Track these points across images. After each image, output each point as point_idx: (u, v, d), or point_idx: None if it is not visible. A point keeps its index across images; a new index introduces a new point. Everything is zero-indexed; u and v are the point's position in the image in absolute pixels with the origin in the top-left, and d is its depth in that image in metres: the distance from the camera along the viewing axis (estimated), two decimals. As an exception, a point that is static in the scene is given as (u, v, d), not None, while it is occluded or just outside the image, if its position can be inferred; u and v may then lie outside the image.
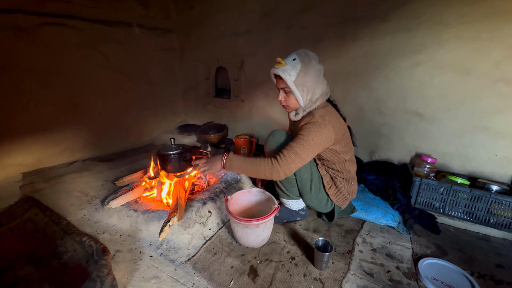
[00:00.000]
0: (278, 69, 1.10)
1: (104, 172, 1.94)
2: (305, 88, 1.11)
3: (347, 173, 1.29)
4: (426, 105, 1.71)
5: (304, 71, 1.08)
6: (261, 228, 1.11)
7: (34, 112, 1.87)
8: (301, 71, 1.08)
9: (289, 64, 1.09)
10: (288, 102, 1.18)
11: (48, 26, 1.83)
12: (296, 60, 1.09)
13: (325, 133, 1.10)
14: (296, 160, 1.09)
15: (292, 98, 1.15)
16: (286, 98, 1.17)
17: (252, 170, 1.13)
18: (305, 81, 1.09)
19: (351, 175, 1.31)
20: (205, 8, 2.53)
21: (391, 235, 1.33)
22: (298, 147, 1.08)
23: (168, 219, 1.05)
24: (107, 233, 1.28)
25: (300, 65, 1.08)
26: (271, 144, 1.24)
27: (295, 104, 1.17)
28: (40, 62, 1.85)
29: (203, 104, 2.95)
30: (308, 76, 1.09)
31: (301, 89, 1.10)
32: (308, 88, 1.11)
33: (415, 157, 1.82)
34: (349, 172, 1.30)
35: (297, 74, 1.07)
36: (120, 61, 2.35)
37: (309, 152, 1.09)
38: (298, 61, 1.08)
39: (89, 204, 1.52)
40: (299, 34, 2.07)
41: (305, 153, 1.09)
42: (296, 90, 1.10)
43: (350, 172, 1.30)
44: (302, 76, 1.08)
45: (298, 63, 1.08)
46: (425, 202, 1.52)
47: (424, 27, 1.60)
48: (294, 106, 1.19)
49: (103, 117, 2.31)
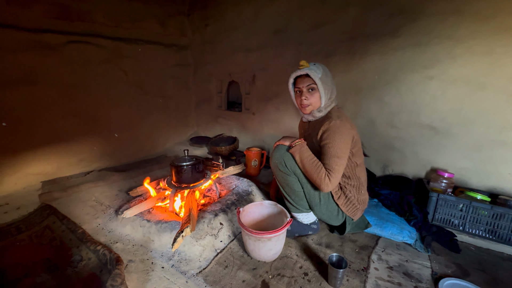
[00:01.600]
0: (305, 68, 1.20)
1: (118, 182, 1.99)
2: (327, 87, 1.21)
3: (357, 180, 1.28)
4: (440, 119, 1.69)
5: (325, 72, 1.21)
6: (273, 241, 1.10)
7: (57, 124, 1.98)
8: (324, 72, 1.21)
9: (313, 66, 1.21)
10: (311, 100, 1.24)
11: (74, 44, 1.97)
12: (317, 64, 1.22)
13: (347, 131, 1.16)
14: (340, 169, 1.13)
15: (316, 96, 1.23)
16: (309, 96, 1.24)
17: (309, 168, 1.16)
18: (327, 80, 1.21)
19: (361, 182, 1.29)
20: (219, 26, 2.65)
21: (408, 253, 1.28)
22: (333, 158, 1.13)
23: (181, 230, 1.05)
24: (120, 243, 1.29)
25: (321, 67, 1.22)
26: (276, 158, 1.25)
27: (317, 102, 1.24)
28: (65, 77, 1.97)
29: (215, 117, 3.01)
30: (328, 77, 1.22)
31: (325, 86, 1.20)
32: (329, 87, 1.22)
33: (430, 171, 1.78)
34: (359, 179, 1.28)
35: (322, 73, 1.20)
36: (138, 76, 2.46)
37: (345, 153, 1.15)
38: (318, 65, 1.22)
39: (104, 213, 1.56)
40: (310, 49, 2.13)
41: (342, 158, 1.14)
42: (322, 86, 1.19)
43: (360, 179, 1.29)
44: (324, 76, 1.20)
45: (319, 66, 1.22)
46: (443, 219, 1.46)
47: (435, 42, 1.61)
48: (316, 104, 1.25)
49: (120, 129, 2.40)
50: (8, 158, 1.77)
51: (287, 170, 1.23)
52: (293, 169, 1.22)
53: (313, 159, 1.17)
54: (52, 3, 1.83)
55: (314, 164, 1.16)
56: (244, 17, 2.46)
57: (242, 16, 2.47)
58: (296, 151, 1.20)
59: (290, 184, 1.25)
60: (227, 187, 1.72)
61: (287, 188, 1.28)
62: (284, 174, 1.25)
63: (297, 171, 1.22)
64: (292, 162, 1.21)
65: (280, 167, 1.24)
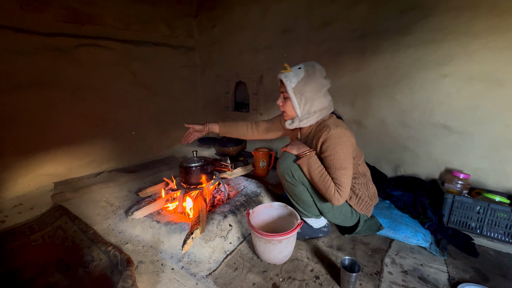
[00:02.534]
0: (282, 74, 1.13)
1: (128, 183, 2.00)
2: (303, 98, 1.12)
3: (363, 177, 1.25)
4: (454, 117, 1.63)
5: (305, 81, 1.10)
6: (284, 243, 1.08)
7: (68, 126, 2.01)
8: (302, 80, 1.10)
9: (294, 71, 1.12)
10: (285, 108, 1.19)
11: (84, 47, 2.00)
12: (301, 69, 1.12)
13: (348, 140, 1.09)
14: (348, 181, 1.07)
15: (289, 104, 1.16)
16: (283, 103, 1.19)
17: (318, 182, 1.10)
18: (305, 90, 1.10)
19: (367, 177, 1.27)
20: (227, 27, 2.65)
21: (423, 256, 1.24)
22: (340, 171, 1.06)
23: (191, 231, 1.05)
24: (130, 244, 1.30)
25: (303, 74, 1.10)
26: (282, 168, 1.19)
27: (292, 111, 1.18)
28: (76, 79, 2.00)
29: (222, 118, 3.01)
30: (308, 86, 1.10)
31: (299, 97, 1.12)
32: (307, 99, 1.12)
33: (444, 172, 1.72)
34: (364, 176, 1.26)
35: (298, 82, 1.10)
36: (146, 77, 2.49)
37: (349, 163, 1.09)
38: (302, 70, 1.11)
39: (114, 214, 1.57)
40: (318, 48, 2.10)
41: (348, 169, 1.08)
42: (294, 97, 1.12)
43: (365, 175, 1.27)
44: (302, 84, 1.10)
45: (301, 72, 1.11)
46: (459, 221, 1.41)
47: (449, 38, 1.56)
48: (290, 113, 1.20)
49: (129, 130, 2.43)
50: (21, 159, 1.81)
51: (294, 181, 1.19)
52: (301, 179, 1.18)
53: (321, 172, 1.09)
54: (63, 7, 1.86)
55: (323, 179, 1.08)
56: (252, 17, 2.45)
57: (250, 16, 2.46)
58: (303, 163, 1.13)
59: (298, 194, 1.22)
60: (235, 188, 1.71)
61: (295, 197, 1.26)
62: (291, 185, 1.21)
63: (306, 181, 1.18)
64: (300, 173, 1.16)
65: (287, 178, 1.20)
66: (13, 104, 1.73)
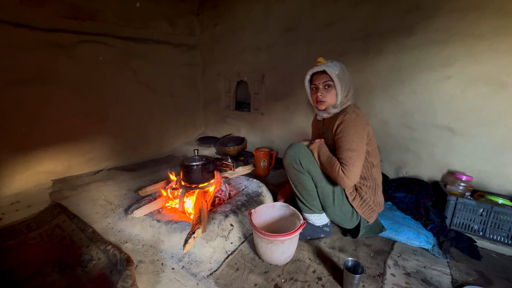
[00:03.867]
0: (322, 65, 1.19)
1: (127, 182, 1.98)
2: (344, 84, 1.20)
3: (373, 181, 1.24)
4: (458, 119, 1.62)
5: (343, 70, 1.21)
6: (286, 244, 1.06)
7: (67, 123, 1.99)
8: (341, 69, 1.20)
9: (330, 63, 1.20)
10: (327, 96, 1.23)
11: (85, 43, 1.98)
12: (334, 62, 1.22)
13: (361, 125, 1.14)
14: (356, 162, 1.09)
15: (332, 92, 1.21)
16: (325, 93, 1.23)
17: (324, 163, 1.17)
18: (344, 78, 1.20)
19: (377, 183, 1.25)
20: (229, 25, 2.63)
21: (425, 259, 1.23)
22: (347, 152, 1.10)
23: (192, 231, 1.03)
24: (130, 243, 1.28)
25: (339, 64, 1.21)
26: (290, 156, 1.22)
27: (333, 99, 1.23)
28: (76, 76, 1.98)
29: (223, 117, 2.99)
30: (345, 75, 1.21)
31: (341, 83, 1.19)
32: (346, 85, 1.21)
33: (447, 174, 1.72)
34: (375, 180, 1.25)
35: (339, 70, 1.19)
36: (147, 75, 2.46)
37: (359, 147, 1.11)
38: (336, 62, 1.21)
39: (113, 212, 1.55)
40: (321, 48, 2.08)
41: (357, 151, 1.10)
42: (339, 83, 1.18)
43: (376, 180, 1.25)
44: (342, 73, 1.19)
45: (337, 63, 1.21)
46: (461, 224, 1.40)
47: (454, 39, 1.55)
48: (331, 101, 1.23)
49: (129, 128, 2.40)
50: (20, 156, 1.78)
51: (301, 168, 1.20)
52: (308, 167, 1.20)
53: (329, 154, 1.17)
54: (63, 3, 1.84)
55: (329, 159, 1.15)
56: (254, 16, 2.43)
57: (252, 15, 2.44)
58: (315, 147, 1.21)
59: (303, 182, 1.22)
60: (236, 187, 1.69)
61: (299, 187, 1.25)
62: (297, 172, 1.22)
63: (312, 169, 1.20)
64: (307, 160, 1.19)
65: (294, 165, 1.21)
66: (11, 100, 1.70)
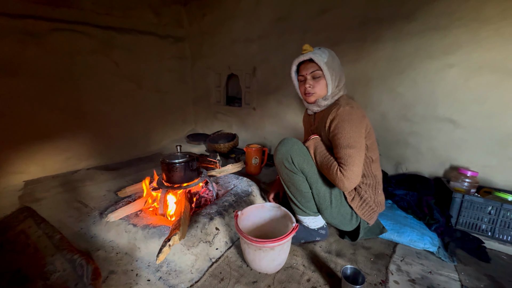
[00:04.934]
0: (308, 53, 1.06)
1: (108, 182, 1.83)
2: (334, 73, 1.07)
3: (373, 178, 1.12)
4: (461, 111, 1.52)
5: (332, 57, 1.07)
6: (276, 251, 0.94)
7: (41, 119, 1.83)
8: (330, 56, 1.07)
9: (318, 50, 1.07)
10: (316, 88, 1.10)
11: (58, 32, 1.82)
12: (322, 49, 1.08)
13: (357, 118, 1.01)
14: (356, 161, 0.96)
15: (322, 83, 1.09)
16: (314, 84, 1.10)
17: (320, 163, 1.05)
18: (334, 66, 1.07)
19: (377, 180, 1.14)
20: (218, 16, 2.49)
21: (431, 262, 1.12)
22: (345, 149, 0.97)
23: (169, 237, 0.90)
24: (102, 250, 1.14)
25: (327, 51, 1.07)
26: (281, 153, 1.08)
27: (323, 90, 1.10)
28: (50, 68, 1.82)
29: (213, 113, 2.85)
30: (335, 62, 1.08)
31: (331, 72, 1.06)
32: (336, 73, 1.08)
33: (449, 170, 1.61)
34: (375, 177, 1.13)
35: (327, 57, 1.05)
36: (131, 68, 2.31)
37: (358, 143, 0.99)
38: (324, 49, 1.08)
39: (88, 216, 1.41)
40: (315, 38, 1.96)
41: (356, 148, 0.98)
42: (328, 72, 1.05)
43: (376, 177, 1.13)
44: (331, 60, 1.06)
45: (325, 50, 1.08)
46: (468, 223, 1.30)
47: (457, 25, 1.44)
48: (321, 92, 1.11)
49: (111, 125, 2.25)
50: (-14, 156, 1.62)
51: (293, 168, 1.07)
52: (301, 166, 1.06)
53: (325, 153, 1.04)
54: (34, -13, 1.68)
55: (325, 159, 1.02)
56: (244, 5, 2.29)
57: (242, 4, 2.30)
58: (311, 144, 1.09)
59: (297, 184, 1.09)
60: (224, 187, 1.56)
61: (292, 188, 1.12)
62: (290, 172, 1.09)
63: (306, 169, 1.06)
64: (300, 159, 1.06)
65: (286, 164, 1.08)
66: (-25, 94, 1.54)
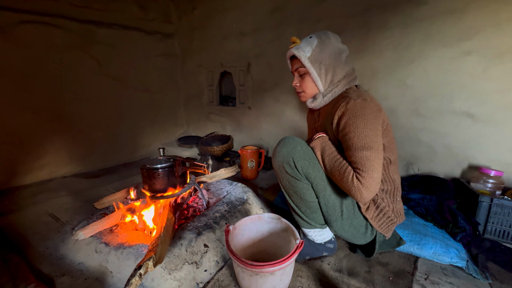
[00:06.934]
0: (293, 48, 0.95)
1: (87, 191, 1.63)
2: (323, 66, 0.92)
3: (391, 183, 0.95)
4: (480, 103, 1.36)
5: (320, 47, 0.91)
6: (277, 275, 0.75)
7: (10, 122, 1.63)
8: (317, 47, 0.91)
9: (304, 41, 0.93)
10: (304, 86, 0.98)
11: (29, 24, 1.63)
12: (313, 37, 0.93)
13: (372, 113, 0.83)
14: (375, 164, 0.78)
15: (308, 80, 0.96)
16: (301, 81, 0.98)
17: (331, 169, 0.86)
18: (322, 57, 0.91)
19: (396, 186, 0.96)
20: (208, 9, 2.32)
21: (460, 281, 0.94)
22: (361, 152, 0.79)
23: (140, 264, 0.71)
24: (68, 276, 0.95)
25: (316, 41, 0.91)
26: (282, 155, 0.89)
27: (312, 88, 0.97)
28: (20, 64, 1.63)
29: (206, 114, 2.67)
30: (325, 53, 0.91)
31: (318, 66, 0.91)
32: (327, 67, 0.92)
33: (468, 170, 1.45)
34: (393, 182, 0.95)
35: (313, 50, 0.91)
36: (114, 66, 2.13)
37: (375, 142, 0.81)
38: (314, 38, 0.93)
39: (58, 232, 1.21)
40: (314, 27, 1.80)
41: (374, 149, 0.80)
42: (312, 67, 0.91)
43: (395, 182, 0.96)
44: (318, 52, 0.90)
45: (314, 40, 0.92)
46: (497, 231, 1.13)
47: (474, 6, 1.29)
48: (311, 91, 0.98)
49: (93, 128, 2.05)
50: None
51: (296, 173, 0.88)
52: (306, 171, 0.88)
53: (336, 155, 0.86)
54: (-1, -26, 1.49)
55: (337, 162, 0.83)
56: (236, -4, 2.13)
57: (234, -5, 2.14)
58: (317, 144, 0.91)
59: (300, 192, 0.91)
60: (216, 194, 1.38)
61: (295, 197, 0.94)
62: (292, 178, 0.90)
63: (311, 174, 0.88)
64: (305, 162, 0.87)
65: (287, 168, 0.89)
66: None
